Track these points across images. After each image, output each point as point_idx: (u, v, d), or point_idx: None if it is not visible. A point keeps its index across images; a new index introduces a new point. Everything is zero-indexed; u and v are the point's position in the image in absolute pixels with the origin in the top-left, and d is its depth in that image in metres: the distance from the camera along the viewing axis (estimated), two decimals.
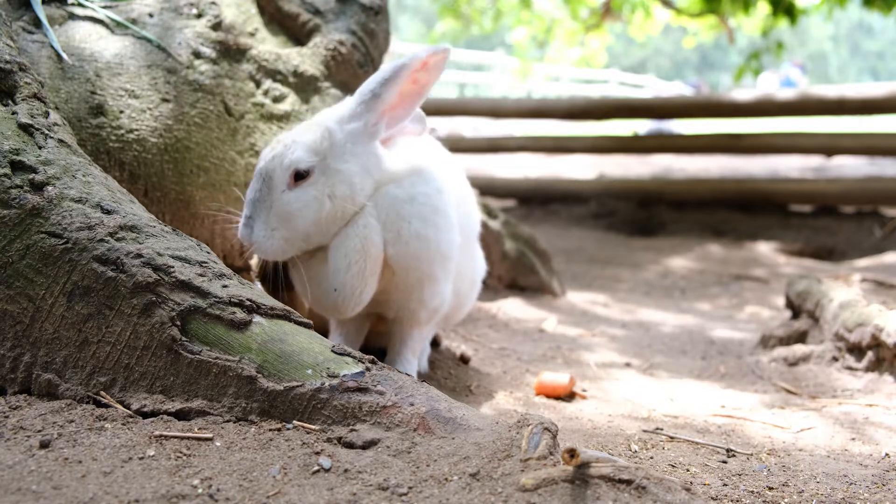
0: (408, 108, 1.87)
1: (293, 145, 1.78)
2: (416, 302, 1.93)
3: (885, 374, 2.31)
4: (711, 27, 12.55)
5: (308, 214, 1.76)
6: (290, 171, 1.75)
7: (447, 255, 1.93)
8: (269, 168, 1.77)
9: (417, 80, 1.83)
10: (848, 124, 8.46)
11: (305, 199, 1.76)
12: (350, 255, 1.78)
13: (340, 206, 1.78)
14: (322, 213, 1.77)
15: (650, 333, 3.26)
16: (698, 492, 1.23)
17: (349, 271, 1.78)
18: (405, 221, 1.84)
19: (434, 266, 1.91)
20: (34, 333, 1.42)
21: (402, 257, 1.85)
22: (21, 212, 1.45)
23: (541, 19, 14.76)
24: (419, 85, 1.84)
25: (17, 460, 1.17)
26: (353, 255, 1.78)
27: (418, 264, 1.88)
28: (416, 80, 1.83)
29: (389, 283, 1.89)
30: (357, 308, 1.84)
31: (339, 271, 1.78)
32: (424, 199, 1.87)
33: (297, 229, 1.77)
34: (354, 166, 1.80)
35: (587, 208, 6.89)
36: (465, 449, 1.22)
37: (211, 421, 1.34)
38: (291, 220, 1.76)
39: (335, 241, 1.80)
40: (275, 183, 1.76)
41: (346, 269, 1.78)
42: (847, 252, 5.70)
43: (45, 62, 2.09)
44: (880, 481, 1.57)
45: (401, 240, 1.84)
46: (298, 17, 2.67)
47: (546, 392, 2.18)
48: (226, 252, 2.41)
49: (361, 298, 1.82)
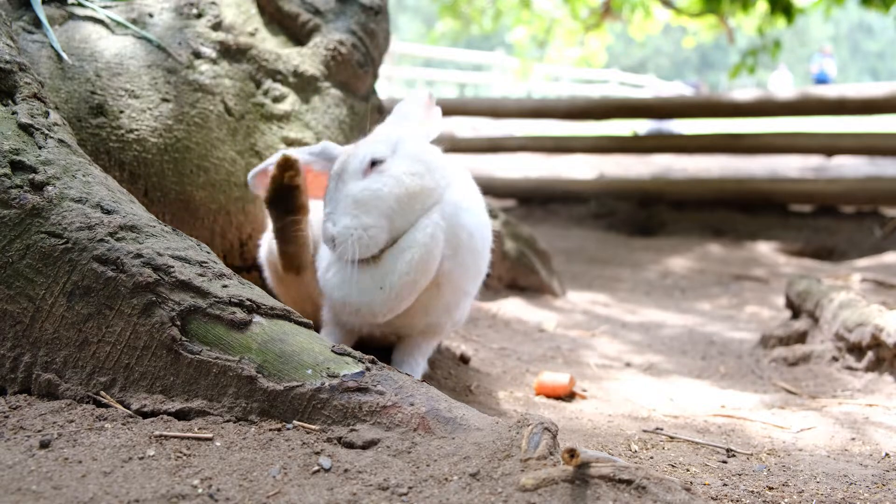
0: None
1: (364, 143, 1.80)
2: (447, 316, 1.90)
3: (885, 374, 2.31)
4: (711, 27, 12.55)
5: (388, 193, 1.70)
6: (366, 161, 1.74)
7: (483, 271, 1.95)
8: (342, 165, 1.76)
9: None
10: (848, 124, 8.45)
11: (383, 180, 1.72)
12: (414, 260, 1.70)
13: (419, 182, 1.74)
14: (402, 190, 1.72)
15: (650, 333, 3.26)
16: (698, 492, 1.23)
17: (406, 276, 1.70)
18: (465, 232, 1.80)
19: (475, 283, 1.92)
20: (34, 333, 1.42)
21: (455, 273, 1.81)
22: (21, 212, 1.45)
23: (541, 19, 14.76)
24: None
25: (17, 460, 1.17)
26: (416, 262, 1.70)
27: (464, 282, 1.86)
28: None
29: (428, 298, 1.81)
30: (388, 317, 1.76)
31: (393, 273, 1.70)
32: (479, 210, 1.88)
33: (380, 212, 1.70)
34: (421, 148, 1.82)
35: (587, 208, 6.89)
36: (465, 449, 1.22)
37: (211, 421, 1.34)
38: (372, 203, 1.70)
39: (401, 241, 1.73)
40: (349, 175, 1.74)
41: (405, 273, 1.70)
42: (847, 252, 5.70)
43: (45, 62, 2.09)
44: (880, 481, 1.57)
45: (458, 254, 1.80)
46: (298, 17, 2.67)
47: (546, 392, 2.18)
48: (226, 252, 2.41)
49: (400, 307, 1.75)
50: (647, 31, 13.55)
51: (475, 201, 1.90)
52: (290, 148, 2.36)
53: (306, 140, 2.53)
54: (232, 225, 2.39)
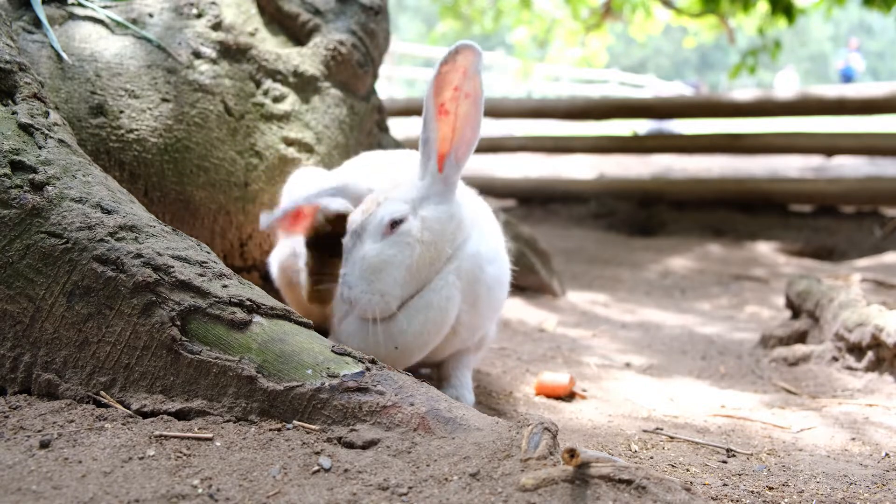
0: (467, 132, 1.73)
1: (385, 202, 1.74)
2: (463, 345, 1.93)
3: (885, 374, 2.31)
4: (711, 27, 12.55)
5: (400, 261, 1.70)
6: (385, 222, 1.71)
7: (502, 304, 1.97)
8: (363, 224, 1.73)
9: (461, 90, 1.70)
10: (848, 124, 8.45)
11: (397, 245, 1.70)
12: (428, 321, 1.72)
13: (429, 251, 1.73)
14: (413, 259, 1.71)
15: (650, 333, 3.26)
16: (698, 492, 1.23)
17: (420, 337, 1.73)
18: (484, 287, 1.81)
19: (493, 322, 1.97)
20: (34, 333, 1.42)
21: (472, 323, 1.84)
22: (21, 212, 1.45)
23: (541, 19, 14.76)
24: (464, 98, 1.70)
25: (17, 460, 1.17)
26: (430, 324, 1.73)
27: (481, 328, 1.91)
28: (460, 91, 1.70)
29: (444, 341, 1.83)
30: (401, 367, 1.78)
31: (407, 333, 1.72)
32: (500, 260, 1.88)
33: (392, 279, 1.70)
34: (439, 213, 1.75)
35: (587, 208, 6.89)
36: (465, 449, 1.22)
37: (211, 421, 1.34)
38: (385, 270, 1.69)
39: (416, 301, 1.73)
40: (367, 234, 1.72)
41: (419, 333, 1.72)
42: (847, 252, 5.70)
43: (45, 62, 2.09)
44: (880, 481, 1.57)
45: (477, 308, 1.81)
46: (298, 17, 2.67)
47: (546, 392, 2.18)
48: (226, 252, 2.41)
49: (414, 361, 1.78)
50: (648, 32, 13.56)
51: (494, 245, 1.89)
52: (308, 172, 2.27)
53: (306, 140, 2.53)
54: (232, 225, 2.39)
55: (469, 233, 1.82)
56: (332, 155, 2.59)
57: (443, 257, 1.75)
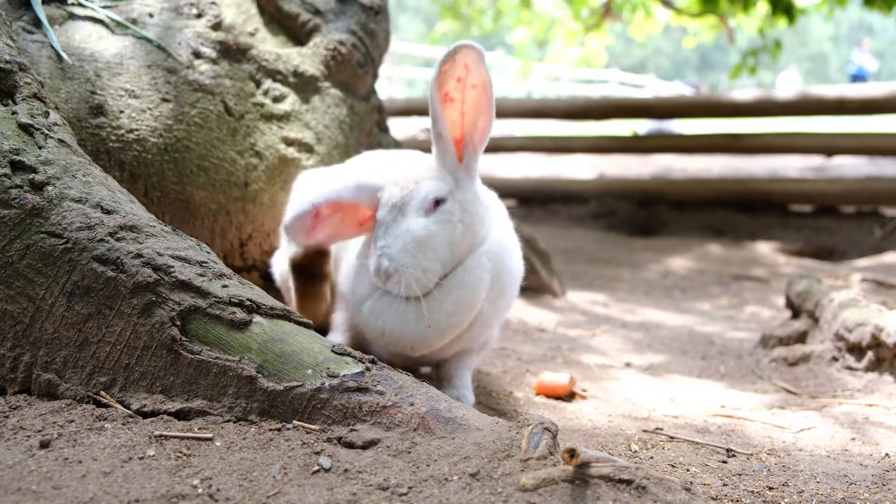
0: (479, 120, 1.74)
1: (424, 181, 1.73)
2: (473, 342, 1.93)
3: (885, 374, 2.31)
4: (711, 27, 12.55)
5: (443, 239, 1.70)
6: (430, 199, 1.70)
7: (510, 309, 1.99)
8: (406, 198, 1.71)
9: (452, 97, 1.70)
10: (848, 124, 8.45)
11: (442, 222, 1.70)
12: (462, 300, 1.72)
13: (468, 232, 1.74)
14: (455, 237, 1.72)
15: (650, 333, 3.26)
16: (698, 492, 1.23)
17: (453, 316, 1.72)
18: (509, 274, 1.82)
19: (499, 323, 1.97)
20: (34, 333, 1.42)
21: (487, 318, 1.84)
22: (21, 212, 1.45)
23: (541, 19, 14.76)
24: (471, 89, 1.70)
25: (17, 460, 1.17)
26: (463, 303, 1.73)
27: (498, 318, 1.91)
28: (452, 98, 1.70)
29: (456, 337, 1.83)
30: (425, 352, 1.78)
31: (440, 311, 1.71)
32: (518, 255, 1.90)
33: (435, 255, 1.69)
34: (471, 196, 1.77)
35: (587, 208, 6.89)
36: (465, 449, 1.22)
37: (211, 421, 1.34)
38: (429, 245, 1.69)
39: (450, 279, 1.73)
40: (411, 209, 1.71)
41: (452, 313, 1.72)
42: (847, 252, 5.70)
43: (45, 62, 2.09)
44: (880, 481, 1.57)
45: (501, 296, 1.83)
46: (298, 17, 2.67)
47: (546, 392, 2.18)
48: (226, 252, 2.41)
49: (440, 344, 1.77)
50: (648, 32, 13.56)
51: (514, 240, 1.92)
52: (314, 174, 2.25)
53: (306, 140, 2.53)
54: (232, 225, 2.39)
55: (491, 224, 1.83)
56: (332, 155, 2.59)
57: (477, 240, 1.77)
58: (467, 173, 1.77)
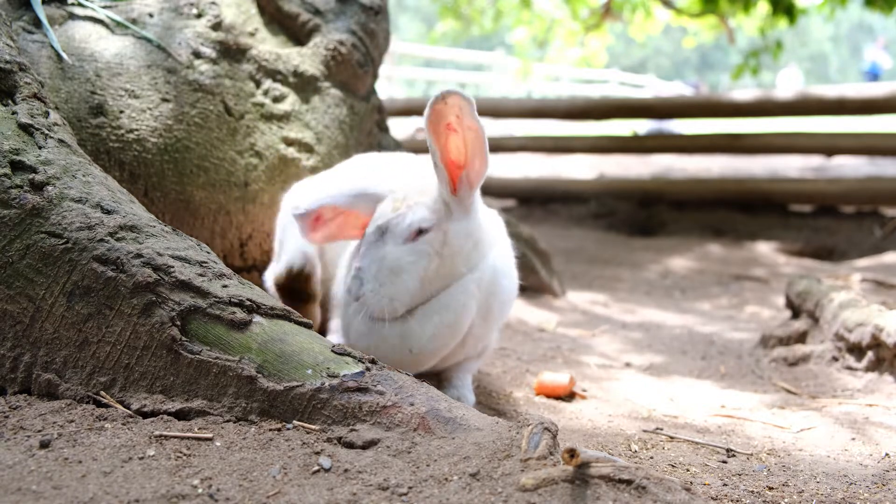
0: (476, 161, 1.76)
1: (415, 206, 1.75)
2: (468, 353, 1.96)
3: (885, 374, 2.31)
4: (711, 27, 12.54)
5: (416, 270, 1.71)
6: (412, 229, 1.72)
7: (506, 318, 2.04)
8: (391, 223, 1.73)
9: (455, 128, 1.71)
10: (848, 124, 8.44)
11: (417, 253, 1.72)
12: (443, 325, 1.75)
13: (446, 265, 1.75)
14: (429, 270, 1.73)
15: (650, 333, 3.26)
16: (698, 492, 1.23)
17: (435, 340, 1.75)
18: (498, 301, 1.85)
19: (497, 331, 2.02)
20: (34, 333, 1.42)
21: (482, 333, 1.88)
22: (21, 212, 1.45)
23: (541, 19, 14.76)
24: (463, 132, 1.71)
25: (17, 460, 1.17)
26: (445, 328, 1.75)
27: (489, 339, 1.96)
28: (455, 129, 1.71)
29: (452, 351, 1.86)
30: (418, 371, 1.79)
31: (423, 336, 1.73)
32: (512, 274, 1.92)
33: (404, 286, 1.71)
34: (458, 229, 1.77)
35: (587, 208, 6.89)
36: (465, 449, 1.22)
37: (211, 421, 1.34)
38: (400, 275, 1.70)
39: (433, 303, 1.75)
40: (391, 236, 1.72)
41: (433, 336, 1.74)
42: (847, 252, 5.70)
43: (45, 62, 2.09)
44: (880, 481, 1.57)
45: (488, 319, 1.86)
46: (298, 17, 2.67)
47: (546, 392, 2.18)
48: (226, 252, 2.41)
49: (425, 367, 1.80)
50: (648, 32, 13.55)
51: (509, 261, 1.94)
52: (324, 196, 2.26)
53: (306, 140, 2.53)
54: (232, 225, 2.39)
55: (490, 247, 1.85)
56: (332, 155, 2.59)
57: (455, 274, 1.77)
58: (461, 206, 1.77)
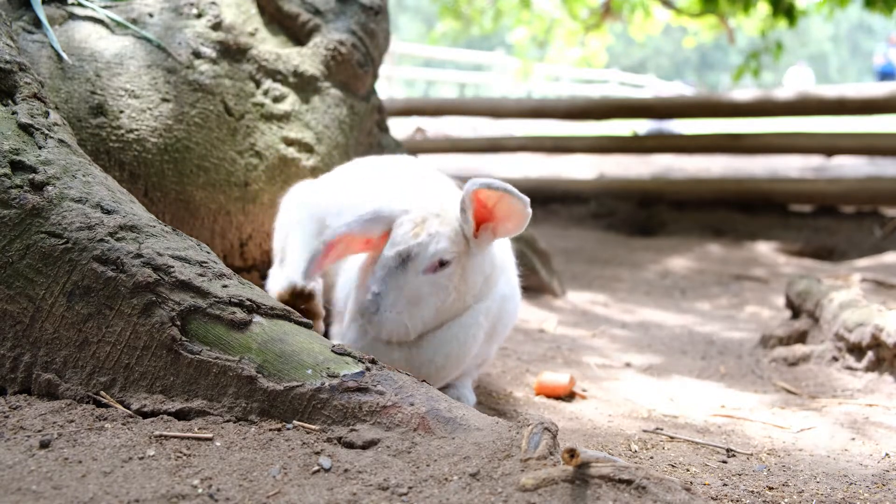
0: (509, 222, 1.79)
1: (437, 235, 1.75)
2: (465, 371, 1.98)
3: (885, 374, 2.31)
4: (711, 27, 12.54)
5: (434, 302, 1.74)
6: (434, 259, 1.73)
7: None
8: (413, 251, 1.73)
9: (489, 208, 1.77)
10: (848, 124, 8.44)
11: (436, 286, 1.74)
12: (451, 355, 1.79)
13: (459, 299, 1.79)
14: (445, 303, 1.76)
15: (650, 333, 3.26)
16: (698, 492, 1.23)
17: (441, 371, 1.79)
18: (502, 324, 1.93)
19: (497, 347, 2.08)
20: (34, 333, 1.42)
21: (484, 351, 1.95)
22: (21, 212, 1.45)
23: (541, 19, 14.75)
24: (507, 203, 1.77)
25: (17, 460, 1.17)
26: (453, 357, 1.79)
27: (489, 355, 2.03)
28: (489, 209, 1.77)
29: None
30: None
31: (430, 366, 1.77)
32: (517, 296, 1.99)
33: (421, 315, 1.74)
34: (474, 265, 1.80)
35: (587, 208, 6.88)
36: (465, 449, 1.22)
37: (211, 421, 1.34)
38: (419, 305, 1.73)
39: (442, 333, 1.78)
40: (412, 265, 1.73)
41: (441, 366, 1.78)
42: (847, 252, 5.70)
43: (45, 62, 2.09)
44: (880, 481, 1.57)
45: (492, 341, 1.93)
46: (298, 17, 2.67)
47: (546, 392, 2.18)
48: (226, 252, 2.41)
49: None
50: (648, 32, 13.54)
51: (514, 282, 1.99)
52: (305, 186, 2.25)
53: (306, 140, 2.53)
54: (232, 225, 2.39)
55: (499, 277, 1.90)
56: (332, 155, 2.59)
57: (467, 304, 1.82)
58: (479, 245, 1.80)
